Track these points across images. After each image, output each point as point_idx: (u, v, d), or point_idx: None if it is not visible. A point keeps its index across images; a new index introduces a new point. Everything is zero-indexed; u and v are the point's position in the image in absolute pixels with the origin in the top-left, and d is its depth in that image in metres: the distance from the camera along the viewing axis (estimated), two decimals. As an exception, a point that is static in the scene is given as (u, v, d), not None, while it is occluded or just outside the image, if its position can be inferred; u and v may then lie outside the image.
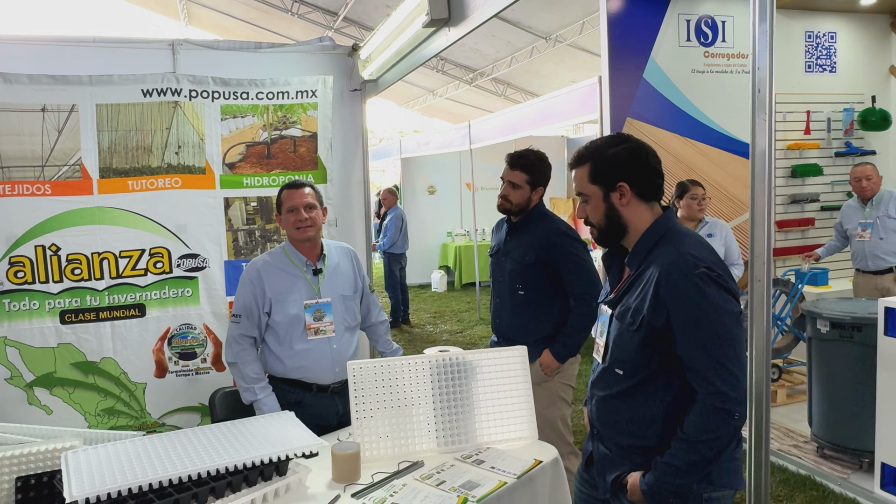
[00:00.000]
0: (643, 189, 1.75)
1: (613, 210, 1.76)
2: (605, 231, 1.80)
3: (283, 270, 2.75)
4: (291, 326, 2.70)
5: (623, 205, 1.75)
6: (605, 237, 1.82)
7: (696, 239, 1.76)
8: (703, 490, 1.70)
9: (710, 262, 1.66)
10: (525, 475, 2.16)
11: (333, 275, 2.81)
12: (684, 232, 1.77)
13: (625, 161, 1.75)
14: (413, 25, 3.32)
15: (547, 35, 10.86)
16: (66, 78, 3.39)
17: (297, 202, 2.69)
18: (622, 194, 1.74)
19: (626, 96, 4.93)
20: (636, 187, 1.74)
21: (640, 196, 1.75)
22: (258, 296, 2.71)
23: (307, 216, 2.69)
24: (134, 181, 3.53)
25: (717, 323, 1.61)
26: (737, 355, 1.61)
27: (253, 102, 3.73)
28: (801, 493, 3.58)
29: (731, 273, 1.72)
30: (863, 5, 5.61)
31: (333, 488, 2.09)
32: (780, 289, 5.08)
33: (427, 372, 2.41)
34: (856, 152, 5.75)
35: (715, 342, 1.60)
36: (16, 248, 3.34)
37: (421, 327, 8.53)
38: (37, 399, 3.43)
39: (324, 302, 2.73)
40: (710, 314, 1.61)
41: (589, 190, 1.78)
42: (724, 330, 1.61)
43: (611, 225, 1.78)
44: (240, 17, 12.60)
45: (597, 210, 1.78)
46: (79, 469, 1.90)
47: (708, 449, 1.63)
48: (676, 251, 1.68)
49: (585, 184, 1.79)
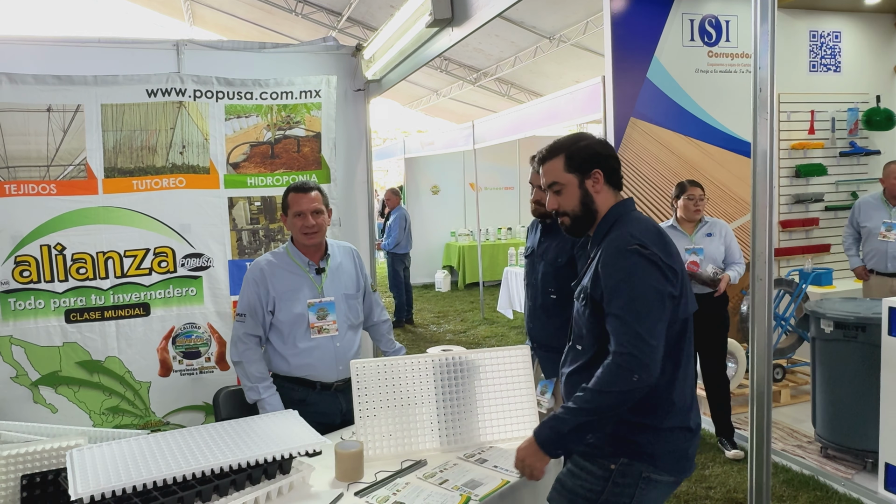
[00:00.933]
0: (612, 177, 1.90)
1: (588, 196, 1.88)
2: (579, 217, 1.91)
3: (287, 270, 2.75)
4: (295, 325, 2.71)
5: (596, 191, 1.88)
6: (578, 224, 1.92)
7: (645, 224, 1.85)
8: (645, 469, 1.78)
9: (647, 241, 1.76)
10: (528, 474, 2.17)
11: (336, 274, 2.82)
12: (637, 217, 1.88)
13: (597, 150, 1.90)
14: (416, 25, 3.33)
15: (550, 35, 10.85)
16: (72, 78, 3.41)
17: (304, 207, 2.68)
18: (596, 181, 1.87)
19: (630, 96, 4.93)
20: (607, 174, 1.89)
21: (608, 183, 1.89)
22: (262, 295, 2.72)
23: (314, 222, 2.69)
24: (138, 181, 3.55)
25: (636, 293, 1.71)
26: (651, 327, 1.70)
27: (257, 102, 3.75)
28: (804, 494, 3.58)
29: (672, 257, 1.80)
30: (867, 5, 5.60)
31: (337, 487, 2.10)
32: (784, 289, 5.08)
33: (430, 371, 2.41)
34: (860, 152, 5.74)
35: (632, 311, 1.70)
36: (21, 247, 3.36)
37: (424, 327, 8.54)
38: (42, 397, 3.45)
39: (327, 301, 2.74)
40: (632, 284, 1.71)
41: (564, 178, 1.90)
42: (643, 301, 1.70)
43: (585, 211, 1.89)
44: (244, 17, 12.62)
45: (572, 197, 1.90)
46: (84, 467, 1.91)
47: (605, 399, 1.70)
48: (619, 231, 1.82)
49: (560, 174, 1.90)
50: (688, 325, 1.84)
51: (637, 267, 1.72)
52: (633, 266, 1.72)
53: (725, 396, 4.21)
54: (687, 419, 1.84)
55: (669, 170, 5.03)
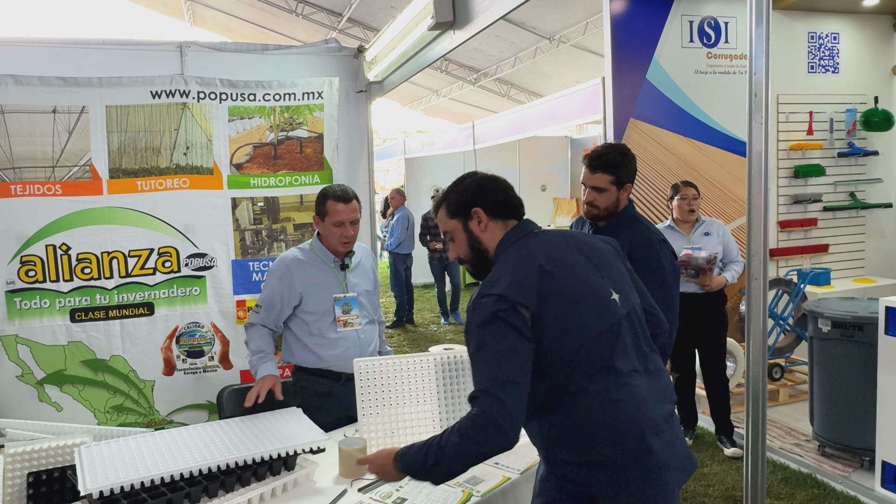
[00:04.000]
0: (496, 209, 1.79)
1: (474, 237, 1.79)
2: (474, 262, 1.82)
3: (313, 265, 2.83)
4: (322, 318, 2.79)
5: (482, 230, 1.78)
6: (477, 268, 1.82)
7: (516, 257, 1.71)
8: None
9: (493, 285, 1.63)
10: (528, 470, 2.20)
11: (358, 271, 2.91)
12: (517, 249, 1.73)
13: (472, 189, 1.81)
14: (418, 28, 3.36)
15: (550, 35, 10.88)
16: (77, 80, 3.44)
17: (344, 217, 2.73)
18: (479, 220, 1.78)
19: (630, 97, 4.96)
20: (489, 209, 1.78)
21: (494, 217, 1.78)
22: (285, 291, 2.77)
23: (352, 232, 2.77)
24: (143, 181, 3.58)
25: (473, 343, 1.60)
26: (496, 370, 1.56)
27: (260, 104, 3.78)
28: (802, 491, 3.61)
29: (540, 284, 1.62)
30: (865, 6, 5.62)
31: (340, 483, 2.13)
32: (783, 289, 5.11)
33: (432, 369, 2.45)
34: (858, 153, 5.77)
35: (481, 367, 1.58)
36: (27, 247, 3.40)
37: (425, 326, 8.57)
38: (47, 396, 3.48)
39: (350, 296, 2.83)
40: (473, 337, 1.60)
41: (450, 226, 1.83)
42: (485, 347, 1.58)
43: (476, 254, 1.80)
44: (244, 17, 12.65)
45: (461, 243, 1.82)
46: (92, 463, 1.94)
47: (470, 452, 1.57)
48: (490, 275, 1.70)
49: (446, 221, 1.84)
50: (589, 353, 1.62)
51: (478, 319, 1.60)
52: (476, 319, 1.61)
53: (724, 395, 4.25)
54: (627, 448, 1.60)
55: (669, 170, 5.06)
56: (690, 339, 4.05)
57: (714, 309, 4.18)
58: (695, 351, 4.24)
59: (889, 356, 3.31)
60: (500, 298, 1.59)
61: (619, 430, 1.61)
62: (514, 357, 1.56)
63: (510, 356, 1.56)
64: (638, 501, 1.61)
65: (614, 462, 1.60)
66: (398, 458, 1.69)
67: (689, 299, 3.75)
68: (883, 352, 3.34)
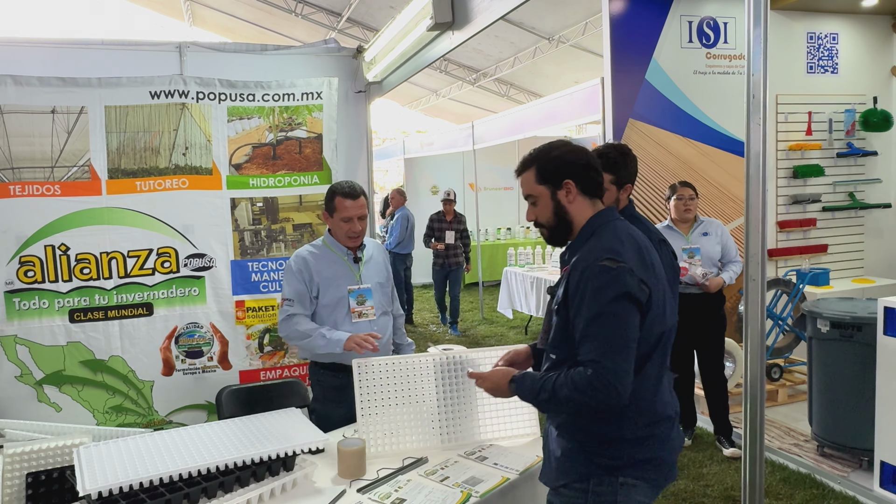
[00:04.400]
0: (586, 185, 1.87)
1: (561, 207, 1.87)
2: (554, 228, 1.89)
3: (327, 259, 2.88)
4: (336, 309, 2.84)
5: (570, 202, 1.86)
6: (555, 235, 1.91)
7: (623, 235, 1.81)
8: (621, 476, 1.78)
9: (620, 252, 1.74)
10: (527, 471, 2.20)
11: (370, 264, 2.97)
12: (616, 228, 1.84)
13: (568, 160, 1.87)
14: (417, 29, 3.37)
15: (550, 36, 10.88)
16: (76, 80, 3.44)
17: (352, 213, 2.81)
18: (568, 191, 1.85)
19: (629, 97, 4.96)
20: (580, 184, 1.86)
21: (584, 192, 1.86)
22: (307, 281, 2.83)
23: (360, 227, 2.84)
24: (142, 182, 3.58)
25: (605, 310, 1.68)
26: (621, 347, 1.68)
27: (259, 104, 3.78)
28: (801, 491, 3.62)
29: (649, 270, 1.77)
30: (864, 6, 5.63)
31: (339, 483, 2.13)
32: (782, 289, 5.11)
33: (431, 370, 2.45)
34: (857, 153, 5.77)
35: (602, 329, 1.68)
36: (26, 247, 3.40)
37: (424, 326, 8.58)
38: (46, 396, 3.48)
39: (365, 287, 2.89)
40: (600, 301, 1.69)
41: (537, 191, 1.89)
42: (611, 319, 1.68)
43: (559, 222, 1.88)
44: (243, 17, 12.64)
45: (546, 209, 1.89)
46: (91, 463, 1.94)
47: (574, 405, 1.71)
48: (593, 243, 1.79)
49: (533, 186, 1.90)
50: (663, 339, 1.81)
51: (604, 282, 1.69)
52: (600, 281, 1.69)
53: (723, 395, 4.25)
54: (658, 429, 1.81)
55: (668, 170, 5.06)
56: (689, 339, 4.06)
57: (713, 309, 4.18)
58: (693, 351, 4.24)
59: (888, 356, 3.31)
60: (631, 272, 1.71)
61: (658, 414, 1.81)
62: (632, 328, 1.70)
63: (628, 327, 1.69)
64: (656, 478, 1.81)
65: (646, 440, 1.78)
66: (514, 381, 1.86)
67: (687, 300, 3.76)
68: (881, 352, 3.34)
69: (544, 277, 6.78)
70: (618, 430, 1.77)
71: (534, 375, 1.84)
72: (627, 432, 1.77)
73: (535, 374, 1.85)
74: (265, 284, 3.82)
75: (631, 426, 1.77)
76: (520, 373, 1.89)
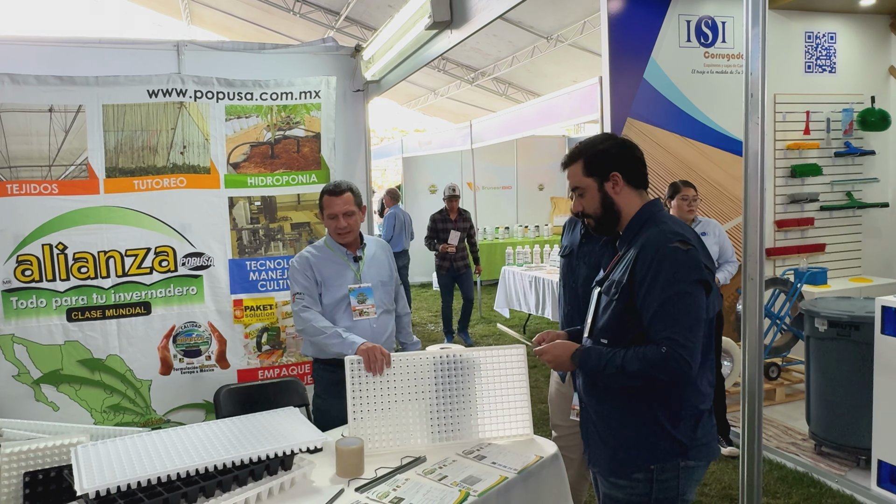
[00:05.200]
0: (632, 177, 1.94)
1: (608, 198, 1.93)
2: (602, 218, 1.96)
3: (328, 259, 2.94)
4: (337, 307, 2.89)
5: (616, 193, 1.93)
6: (603, 225, 1.98)
7: (679, 222, 1.91)
8: (681, 460, 1.85)
9: (686, 237, 1.82)
10: (525, 470, 2.20)
11: (372, 262, 3.01)
12: (671, 217, 1.94)
13: (615, 153, 1.94)
14: (416, 28, 3.37)
15: (548, 35, 10.89)
16: (73, 79, 3.43)
17: (336, 210, 2.87)
18: (615, 183, 1.92)
19: (627, 96, 4.96)
20: (627, 175, 1.92)
21: (630, 184, 1.93)
22: (311, 279, 2.89)
23: (345, 224, 2.88)
24: (140, 181, 3.57)
25: (680, 289, 1.76)
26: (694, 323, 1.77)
27: (257, 103, 3.77)
28: (798, 490, 3.62)
29: (707, 254, 1.87)
30: (862, 6, 5.63)
31: (337, 483, 2.13)
32: (780, 288, 5.12)
33: (429, 369, 2.45)
34: (855, 152, 5.78)
35: (677, 306, 1.76)
36: (23, 246, 3.39)
37: (423, 325, 8.58)
38: (44, 396, 3.48)
39: (365, 286, 2.93)
40: (676, 279, 1.77)
41: (584, 183, 1.96)
42: (687, 298, 1.76)
43: (606, 212, 1.95)
44: (242, 16, 12.64)
45: (593, 200, 1.96)
46: (89, 463, 1.94)
47: (646, 378, 1.79)
48: (657, 228, 1.86)
49: (580, 178, 1.97)
50: (713, 322, 1.88)
51: (679, 263, 1.77)
52: (676, 262, 1.77)
53: (721, 395, 4.25)
54: (708, 405, 1.91)
55: (666, 170, 5.06)
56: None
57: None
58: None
59: (885, 355, 3.32)
60: (699, 256, 1.80)
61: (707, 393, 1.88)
62: (702, 308, 1.78)
63: (699, 307, 1.78)
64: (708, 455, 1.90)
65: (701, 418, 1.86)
66: (577, 355, 1.94)
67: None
68: (879, 351, 3.35)
69: (542, 276, 6.79)
70: (677, 409, 1.83)
71: (599, 350, 1.90)
72: (686, 411, 1.84)
73: (600, 349, 1.90)
74: (263, 283, 3.82)
75: (689, 405, 1.84)
76: (583, 346, 1.97)
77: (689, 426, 1.85)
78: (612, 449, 1.91)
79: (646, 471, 1.85)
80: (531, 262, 7.90)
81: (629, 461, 1.87)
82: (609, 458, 1.91)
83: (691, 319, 1.76)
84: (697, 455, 1.86)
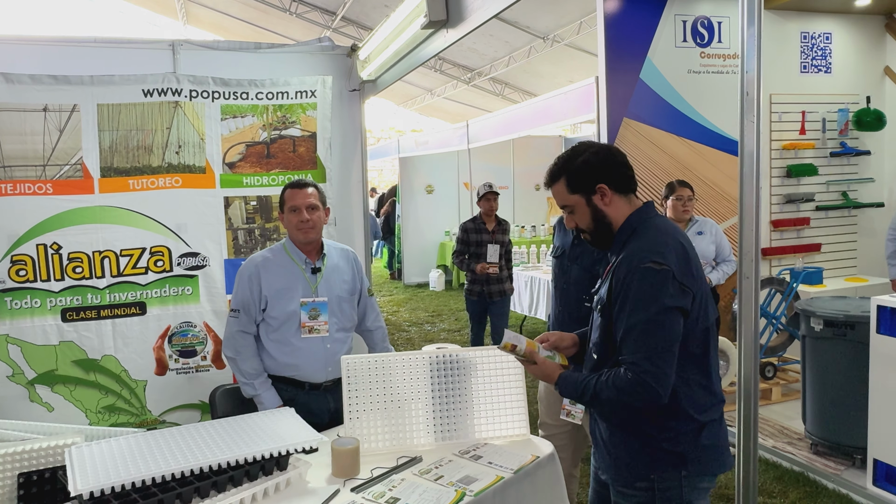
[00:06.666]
0: (619, 184, 1.86)
1: (599, 212, 1.86)
2: (596, 233, 1.89)
3: (282, 267, 2.74)
4: (286, 323, 2.71)
5: (607, 204, 1.85)
6: (598, 239, 1.91)
7: (664, 233, 1.80)
8: (683, 470, 1.80)
9: (663, 253, 1.73)
10: (522, 470, 2.20)
11: (332, 275, 2.79)
12: (656, 226, 1.83)
13: (596, 164, 1.85)
14: (412, 27, 3.36)
15: (544, 35, 10.89)
16: (68, 78, 3.42)
17: (299, 202, 2.67)
18: (603, 195, 1.85)
19: (623, 96, 4.96)
20: (613, 185, 1.85)
21: (618, 191, 1.85)
22: (254, 292, 2.71)
23: (309, 217, 2.68)
24: (135, 180, 3.56)
25: (649, 315, 1.70)
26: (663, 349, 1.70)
27: (253, 102, 3.77)
28: (794, 490, 3.63)
29: (689, 266, 1.77)
30: (858, 6, 5.64)
31: (333, 483, 2.12)
32: (775, 287, 5.12)
33: (425, 368, 2.44)
34: (851, 152, 5.79)
35: (644, 331, 1.70)
36: (17, 246, 3.38)
37: (419, 326, 8.57)
38: (38, 396, 3.46)
39: (320, 301, 2.72)
40: (645, 303, 1.70)
41: (571, 201, 1.88)
42: (655, 323, 1.70)
43: (599, 226, 1.88)
44: (238, 16, 12.61)
45: (584, 216, 1.88)
46: (83, 463, 1.93)
47: (617, 405, 1.78)
48: (637, 244, 1.79)
49: (566, 196, 1.89)
50: (710, 332, 1.83)
51: (648, 285, 1.70)
52: (645, 284, 1.70)
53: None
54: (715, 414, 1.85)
55: (662, 170, 5.07)
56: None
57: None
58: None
59: (880, 355, 3.32)
60: (673, 277, 1.71)
61: (716, 397, 1.84)
62: (674, 333, 1.71)
63: (671, 332, 1.71)
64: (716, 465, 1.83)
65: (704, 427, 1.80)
66: (560, 380, 1.90)
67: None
68: (874, 350, 3.35)
69: (539, 277, 6.78)
70: (673, 425, 1.79)
71: (576, 377, 1.87)
72: (683, 426, 1.79)
73: (577, 376, 1.87)
74: (259, 283, 3.81)
75: (685, 420, 1.79)
76: (565, 371, 1.93)
77: (690, 439, 1.79)
78: (614, 458, 1.88)
79: (647, 480, 1.82)
80: (528, 263, 7.89)
81: (631, 470, 1.85)
82: (613, 466, 1.89)
83: (659, 344, 1.69)
84: (700, 467, 1.80)
